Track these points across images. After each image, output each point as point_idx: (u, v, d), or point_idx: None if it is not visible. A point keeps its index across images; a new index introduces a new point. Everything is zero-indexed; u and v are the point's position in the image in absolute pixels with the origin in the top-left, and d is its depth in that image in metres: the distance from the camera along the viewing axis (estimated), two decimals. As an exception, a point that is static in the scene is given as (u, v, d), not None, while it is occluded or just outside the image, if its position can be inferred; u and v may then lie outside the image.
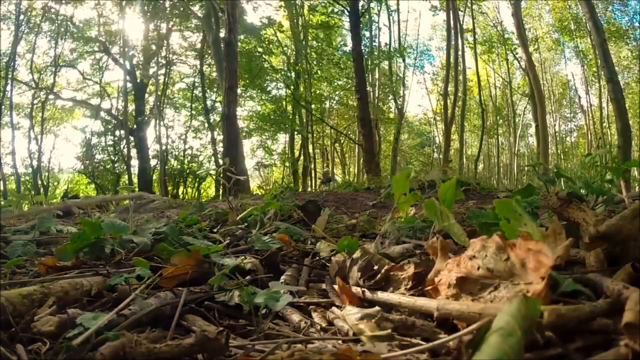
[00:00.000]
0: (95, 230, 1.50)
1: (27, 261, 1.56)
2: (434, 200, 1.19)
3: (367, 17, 19.98)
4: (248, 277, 1.27)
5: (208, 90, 21.71)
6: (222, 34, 12.53)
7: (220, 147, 12.56)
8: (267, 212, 2.43)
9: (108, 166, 21.21)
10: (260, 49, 20.57)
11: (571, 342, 0.66)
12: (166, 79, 21.02)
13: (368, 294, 1.08)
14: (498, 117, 27.36)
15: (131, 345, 0.69)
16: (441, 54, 27.18)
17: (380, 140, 20.62)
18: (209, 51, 18.23)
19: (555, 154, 26.84)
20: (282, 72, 21.71)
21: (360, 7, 15.90)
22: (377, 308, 0.93)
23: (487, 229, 1.32)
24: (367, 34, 21.12)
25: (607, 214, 1.32)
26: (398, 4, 22.72)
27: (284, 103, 22.68)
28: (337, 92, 24.19)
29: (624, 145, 9.29)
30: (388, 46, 21.85)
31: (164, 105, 21.34)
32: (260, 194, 8.49)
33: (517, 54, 23.50)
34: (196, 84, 22.25)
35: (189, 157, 21.16)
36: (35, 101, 20.35)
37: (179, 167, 20.33)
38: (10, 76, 17.98)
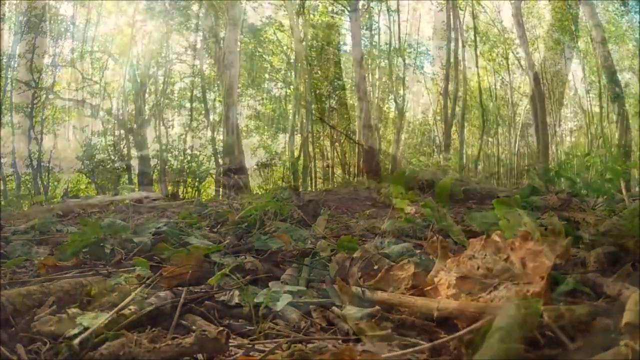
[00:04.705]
0: (95, 230, 1.50)
1: (27, 261, 1.55)
2: (432, 199, 1.19)
3: (367, 16, 19.99)
4: (248, 277, 1.27)
5: (208, 90, 21.70)
6: (222, 34, 12.51)
7: (220, 147, 12.52)
8: (267, 212, 2.43)
9: (108, 166, 21.21)
10: (260, 49, 20.57)
11: (571, 342, 0.66)
12: (166, 78, 21.00)
13: (368, 293, 1.08)
14: (498, 117, 27.36)
15: (131, 345, 0.69)
16: (441, 54, 27.23)
17: (380, 140, 20.60)
18: (209, 51, 18.22)
19: (556, 154, 26.83)
20: (282, 73, 21.71)
21: (360, 7, 15.87)
22: (377, 308, 0.93)
23: (487, 229, 1.31)
24: (367, 33, 21.15)
25: (607, 214, 1.32)
26: (398, 4, 22.74)
27: (283, 103, 22.67)
28: (337, 92, 24.18)
29: (624, 145, 9.28)
30: (388, 46, 21.87)
31: (164, 105, 21.33)
32: (260, 193, 8.46)
33: (517, 53, 23.51)
34: (196, 84, 22.23)
35: (189, 157, 21.16)
36: (35, 101, 20.34)
37: (178, 166, 20.31)
38: (10, 76, 17.98)
